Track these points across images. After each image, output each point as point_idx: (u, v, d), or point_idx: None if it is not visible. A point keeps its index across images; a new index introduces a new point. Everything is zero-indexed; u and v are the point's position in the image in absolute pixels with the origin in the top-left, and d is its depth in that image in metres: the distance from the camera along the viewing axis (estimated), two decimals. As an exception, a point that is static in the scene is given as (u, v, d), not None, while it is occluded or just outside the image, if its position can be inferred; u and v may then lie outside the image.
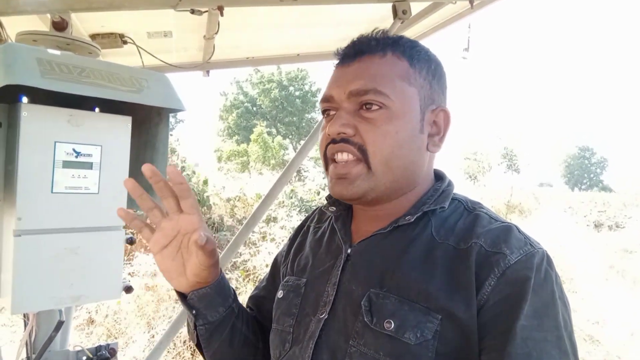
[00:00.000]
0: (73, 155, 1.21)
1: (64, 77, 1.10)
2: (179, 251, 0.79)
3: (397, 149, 0.76)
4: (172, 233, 0.78)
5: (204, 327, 0.86)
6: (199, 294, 0.82)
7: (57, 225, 1.19)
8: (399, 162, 0.77)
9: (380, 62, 0.78)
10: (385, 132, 0.75)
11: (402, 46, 0.80)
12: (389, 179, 0.77)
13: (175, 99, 1.30)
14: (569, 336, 0.66)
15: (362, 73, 0.77)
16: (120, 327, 4.43)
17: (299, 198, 7.92)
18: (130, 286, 1.35)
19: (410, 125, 0.77)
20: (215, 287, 0.83)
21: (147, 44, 2.06)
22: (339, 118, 0.77)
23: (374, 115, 0.75)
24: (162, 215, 0.78)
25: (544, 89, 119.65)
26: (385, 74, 0.77)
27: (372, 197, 0.79)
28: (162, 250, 0.78)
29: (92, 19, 1.84)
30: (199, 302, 0.83)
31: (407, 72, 0.78)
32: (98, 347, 1.45)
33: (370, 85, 0.76)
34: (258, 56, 2.67)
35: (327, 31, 2.35)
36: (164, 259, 0.79)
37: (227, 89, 30.76)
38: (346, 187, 0.77)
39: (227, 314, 0.87)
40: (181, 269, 0.79)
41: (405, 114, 0.77)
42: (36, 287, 1.17)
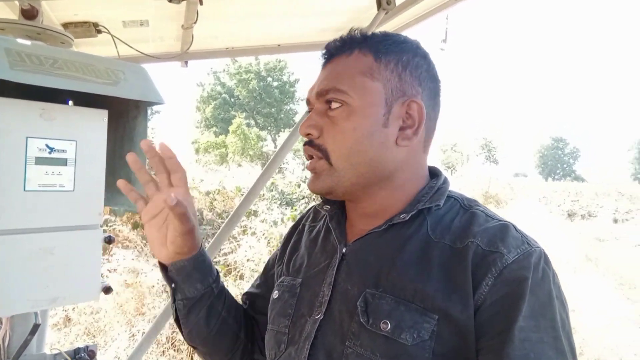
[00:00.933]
0: (46, 151, 1.14)
1: (35, 69, 1.03)
2: (165, 223, 0.83)
3: (355, 145, 0.76)
4: (162, 204, 0.82)
5: (182, 302, 0.87)
6: (177, 265, 0.85)
7: (31, 224, 1.13)
8: (359, 158, 0.77)
9: (346, 61, 0.80)
10: (343, 129, 0.76)
11: (370, 41, 0.80)
12: (353, 175, 0.78)
13: (154, 91, 1.25)
14: (566, 336, 0.65)
15: (329, 74, 0.80)
16: (99, 326, 4.34)
17: (280, 191, 7.87)
18: (110, 287, 1.30)
19: (370, 121, 0.76)
20: (193, 261, 0.85)
21: (122, 33, 1.98)
22: (308, 119, 0.80)
23: (335, 113, 0.77)
24: (156, 188, 0.83)
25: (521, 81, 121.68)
26: (346, 72, 0.78)
27: (342, 191, 0.80)
28: (150, 220, 0.83)
29: (65, 7, 1.76)
30: (177, 274, 0.85)
31: (371, 67, 0.78)
32: (76, 349, 1.40)
33: (331, 84, 0.78)
34: (238, 47, 2.61)
35: (310, 21, 2.30)
36: (151, 229, 0.84)
37: (204, 80, 30.39)
38: (313, 182, 0.81)
39: (205, 292, 0.89)
40: (164, 239, 0.83)
41: (365, 109, 0.76)
42: (10, 290, 1.11)
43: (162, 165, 0.81)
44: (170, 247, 0.83)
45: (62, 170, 1.17)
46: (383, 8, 1.78)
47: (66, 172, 1.18)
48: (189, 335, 0.92)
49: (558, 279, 0.70)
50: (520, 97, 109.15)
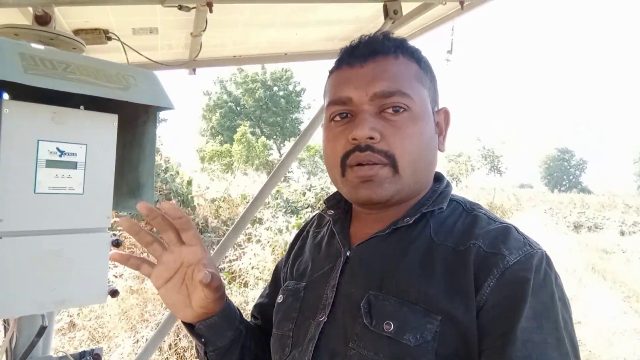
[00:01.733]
0: (57, 154, 1.16)
1: (48, 73, 1.05)
2: (183, 283, 0.79)
3: (421, 150, 0.76)
4: (175, 266, 0.78)
5: (214, 353, 0.85)
6: (207, 323, 0.82)
7: (40, 226, 1.15)
8: (422, 163, 0.77)
9: (396, 63, 0.78)
10: (411, 134, 0.75)
11: (410, 49, 0.81)
12: (413, 180, 0.77)
13: (164, 96, 1.26)
14: (569, 337, 0.65)
15: (382, 74, 0.76)
16: (104, 331, 4.34)
17: (285, 199, 7.88)
18: (116, 290, 1.30)
19: (429, 126, 0.78)
20: (222, 315, 0.83)
21: (132, 40, 2.01)
22: (365, 121, 0.74)
23: (400, 118, 0.75)
24: (163, 248, 0.77)
25: (525, 91, 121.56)
26: (404, 75, 0.77)
27: (397, 199, 0.78)
28: (165, 284, 0.78)
29: (76, 14, 1.78)
30: (208, 331, 0.82)
31: (419, 73, 0.79)
32: (82, 352, 1.41)
33: (395, 86, 0.75)
34: (245, 55, 2.63)
35: (316, 30, 2.33)
36: (168, 293, 0.79)
37: (211, 88, 30.57)
38: (375, 191, 0.75)
39: (235, 337, 0.87)
40: (187, 300, 0.79)
41: (425, 115, 0.77)
42: (17, 292, 1.12)
43: (165, 223, 0.76)
44: (199, 310, 0.79)
45: (72, 174, 1.19)
46: (390, 17, 1.79)
47: (76, 176, 1.19)
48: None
49: (560, 280, 0.70)
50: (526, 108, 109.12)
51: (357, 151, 0.75)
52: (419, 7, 1.95)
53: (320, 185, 8.90)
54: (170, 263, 0.77)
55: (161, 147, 9.65)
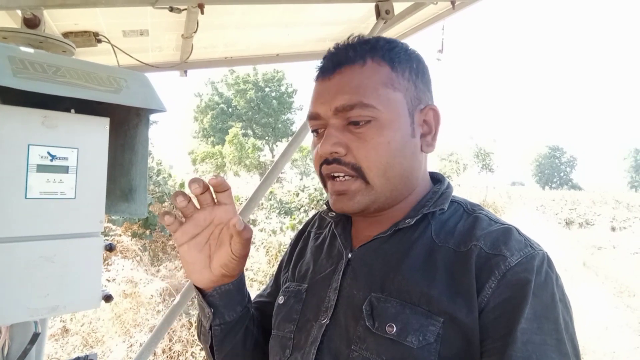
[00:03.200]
0: (48, 159, 1.14)
1: (38, 77, 1.04)
2: (207, 242, 0.78)
3: (391, 159, 0.75)
4: (204, 223, 0.77)
5: (219, 328, 0.84)
6: (221, 290, 0.81)
7: (32, 232, 1.13)
8: (395, 171, 0.76)
9: (361, 71, 0.76)
10: (376, 145, 0.74)
11: (381, 50, 0.78)
12: (388, 189, 0.77)
13: (156, 99, 1.25)
14: (570, 338, 0.65)
15: (344, 86, 0.75)
16: (97, 336, 4.30)
17: (278, 200, 7.87)
18: (110, 295, 1.29)
19: (400, 133, 0.76)
20: (237, 283, 0.83)
21: (122, 42, 2.00)
22: (329, 137, 0.75)
23: (364, 130, 0.74)
24: (195, 207, 0.78)
25: (515, 89, 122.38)
26: (368, 84, 0.75)
27: (374, 208, 0.78)
28: (190, 241, 0.77)
29: (65, 16, 1.77)
30: (220, 299, 0.82)
31: (390, 77, 0.76)
32: (76, 358, 1.39)
33: (355, 99, 0.74)
34: (237, 56, 2.62)
35: (308, 31, 2.32)
36: (191, 250, 0.78)
37: (202, 90, 30.44)
38: (346, 204, 0.77)
39: (243, 314, 0.86)
40: (206, 261, 0.78)
41: (394, 122, 0.75)
42: (10, 298, 1.10)
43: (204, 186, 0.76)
44: (218, 270, 0.78)
45: (64, 178, 1.17)
46: (382, 17, 1.79)
47: (67, 180, 1.18)
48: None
49: (561, 281, 0.70)
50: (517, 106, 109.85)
51: (324, 164, 0.78)
52: (410, 7, 1.96)
53: (314, 186, 8.90)
54: (200, 220, 0.77)
55: (153, 149, 9.59)
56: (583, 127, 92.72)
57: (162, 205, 6.77)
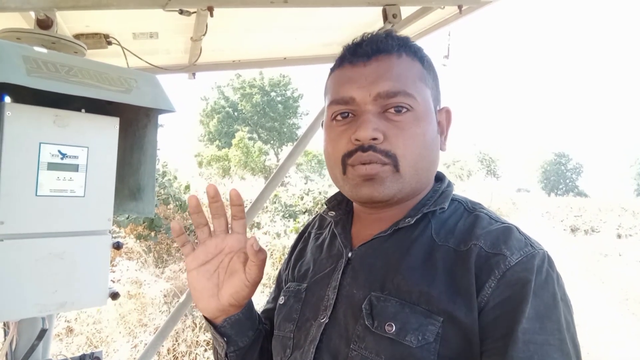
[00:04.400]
0: (58, 157, 1.17)
1: (51, 76, 1.06)
2: (216, 271, 0.80)
3: (423, 150, 0.76)
4: (215, 251, 0.79)
5: (234, 354, 0.84)
6: (232, 320, 0.82)
7: (41, 229, 1.15)
8: (424, 163, 0.77)
9: (399, 62, 0.77)
10: (413, 134, 0.75)
11: (413, 47, 0.80)
12: (415, 180, 0.77)
13: (165, 99, 1.27)
14: (571, 338, 0.64)
15: (385, 73, 0.75)
16: (102, 336, 4.32)
17: (283, 203, 7.87)
18: (117, 292, 1.31)
19: (431, 127, 0.78)
20: (246, 312, 0.83)
21: (132, 45, 2.02)
22: (368, 122, 0.73)
23: (403, 118, 0.74)
24: (209, 233, 0.80)
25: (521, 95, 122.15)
26: (407, 75, 0.76)
27: (398, 198, 0.78)
28: (199, 267, 0.79)
29: (77, 18, 1.79)
30: (231, 329, 0.82)
31: (422, 73, 0.79)
32: (82, 356, 1.41)
33: (399, 86, 0.74)
34: (245, 59, 2.64)
35: (315, 35, 2.34)
36: (199, 277, 0.79)
37: (208, 94, 30.55)
38: (377, 189, 0.75)
39: (256, 337, 0.87)
40: (214, 289, 0.79)
41: (427, 116, 0.77)
42: (18, 294, 1.12)
43: (222, 209, 0.79)
44: (227, 300, 0.79)
45: (74, 176, 1.19)
46: (389, 21, 1.80)
47: (77, 178, 1.20)
48: None
49: (562, 281, 0.70)
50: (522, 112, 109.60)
51: (359, 151, 0.75)
52: (417, 11, 1.97)
53: (318, 189, 8.90)
54: (211, 247, 0.79)
55: (159, 152, 9.63)
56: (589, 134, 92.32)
57: (167, 207, 6.80)
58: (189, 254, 0.79)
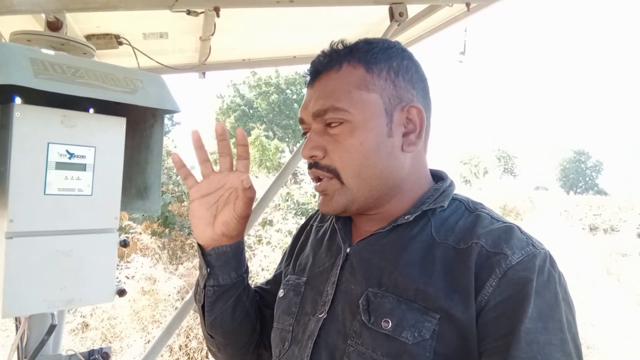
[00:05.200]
0: (66, 157, 1.19)
1: (58, 77, 1.08)
2: (216, 203, 0.86)
3: (364, 159, 0.77)
4: (217, 185, 0.86)
5: (212, 289, 0.88)
6: (219, 250, 0.87)
7: (50, 227, 1.18)
8: (370, 171, 0.77)
9: (336, 76, 0.79)
10: (349, 146, 0.77)
11: (357, 53, 0.79)
12: (366, 189, 0.78)
13: (170, 100, 1.29)
14: (573, 338, 0.65)
15: (320, 92, 0.80)
16: (116, 332, 4.39)
17: (295, 201, 7.90)
18: (124, 289, 1.33)
19: (374, 133, 0.77)
20: (234, 248, 0.88)
21: (142, 45, 2.05)
22: (309, 141, 0.80)
23: (337, 131, 0.78)
24: (212, 169, 0.87)
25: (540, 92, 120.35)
26: (340, 88, 0.78)
27: (356, 207, 0.80)
28: (201, 198, 0.85)
29: (88, 19, 1.83)
30: (217, 259, 0.87)
31: (364, 79, 0.78)
32: (91, 351, 1.44)
33: (328, 103, 0.77)
34: (254, 58, 2.66)
35: (324, 33, 2.34)
36: (200, 206, 0.86)
37: (224, 92, 30.72)
38: (327, 204, 0.81)
39: (237, 281, 0.90)
40: (211, 219, 0.85)
41: (367, 123, 0.77)
42: (28, 290, 1.15)
43: (228, 148, 0.86)
44: (219, 228, 0.85)
45: (81, 175, 1.22)
46: (395, 20, 1.80)
47: (85, 177, 1.23)
48: (212, 324, 0.92)
49: (564, 280, 0.70)
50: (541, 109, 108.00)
51: (308, 168, 0.82)
52: (425, 9, 1.96)
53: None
54: (214, 181, 0.86)
55: (175, 149, 9.72)
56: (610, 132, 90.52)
57: (182, 204, 6.88)
58: (193, 185, 0.86)
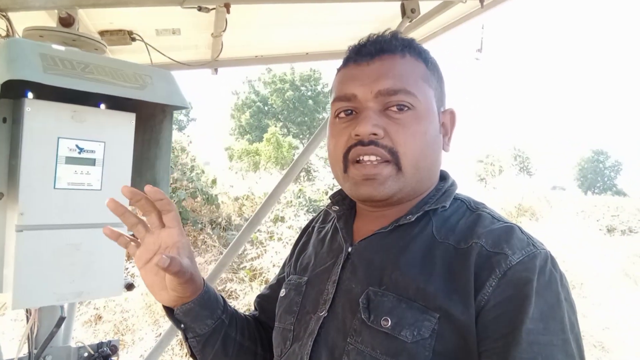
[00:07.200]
0: (76, 151, 1.21)
1: (67, 73, 1.09)
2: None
3: (425, 149, 0.77)
4: (154, 248, 0.79)
5: (195, 340, 0.86)
6: (184, 309, 0.83)
7: (59, 221, 1.19)
8: (426, 162, 0.78)
9: (403, 62, 0.78)
10: (414, 132, 0.75)
11: (417, 49, 0.81)
12: (416, 179, 0.78)
13: (179, 96, 1.30)
14: (575, 339, 0.64)
15: (387, 72, 0.77)
16: (128, 324, 4.45)
17: (307, 198, 7.91)
18: (132, 283, 1.35)
19: (433, 126, 0.78)
20: (199, 301, 0.84)
21: (155, 41, 2.06)
22: (368, 118, 0.75)
23: (404, 116, 0.75)
24: (146, 230, 0.79)
25: (558, 91, 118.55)
26: (410, 75, 0.77)
27: (399, 197, 0.79)
28: (145, 265, 0.79)
29: (101, 15, 1.84)
30: (185, 316, 0.84)
31: (426, 74, 0.80)
32: (99, 343, 1.46)
33: (400, 85, 0.75)
34: (267, 54, 2.66)
35: (336, 30, 2.33)
36: (147, 274, 0.80)
37: (239, 88, 30.86)
38: (376, 188, 0.76)
39: (217, 325, 0.88)
40: (163, 283, 0.80)
41: (429, 115, 0.78)
42: (37, 283, 1.17)
43: (150, 206, 0.77)
44: (172, 293, 0.80)
45: (91, 170, 1.23)
46: (407, 16, 1.78)
47: (94, 172, 1.24)
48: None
49: (566, 281, 0.69)
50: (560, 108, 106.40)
51: (359, 145, 0.75)
52: (438, 6, 1.93)
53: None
54: (150, 245, 0.79)
55: (190, 146, 9.80)
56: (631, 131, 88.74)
57: (195, 200, 6.93)
58: (134, 253, 0.80)
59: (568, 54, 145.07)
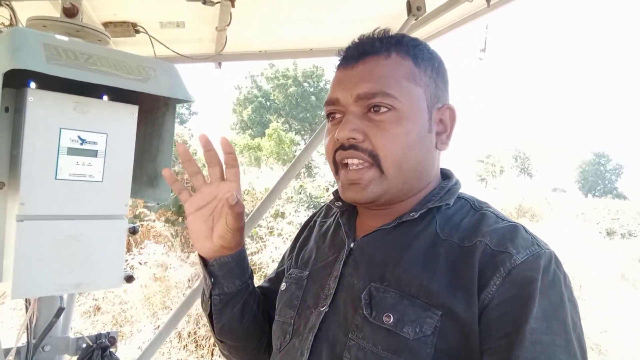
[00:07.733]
0: (78, 142, 1.20)
1: (70, 63, 1.09)
2: (211, 215, 0.86)
3: (407, 150, 0.76)
4: (209, 197, 0.85)
5: (218, 297, 0.88)
6: (220, 261, 0.86)
7: (60, 211, 1.19)
8: (410, 163, 0.77)
9: (385, 63, 0.77)
10: (395, 134, 0.75)
11: (406, 45, 0.79)
12: (400, 181, 0.77)
13: (182, 89, 1.29)
14: (577, 339, 0.64)
15: (367, 75, 0.77)
16: (127, 316, 4.47)
17: (308, 194, 7.91)
18: (132, 276, 1.34)
19: (418, 126, 0.77)
20: (236, 257, 0.87)
21: (159, 34, 2.06)
22: (347, 123, 0.76)
23: (383, 118, 0.75)
24: (204, 181, 0.86)
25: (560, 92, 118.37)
26: (391, 75, 0.76)
27: (385, 199, 0.79)
28: (196, 212, 0.85)
29: (105, 6, 1.84)
30: (219, 269, 0.86)
31: (413, 72, 0.78)
32: (98, 335, 1.46)
33: (378, 87, 0.75)
34: (271, 50, 2.65)
35: (341, 27, 2.32)
36: (196, 220, 0.86)
37: (241, 83, 30.81)
38: (359, 193, 0.78)
39: (242, 288, 0.90)
40: (209, 232, 0.85)
41: (414, 115, 0.76)
42: (37, 273, 1.17)
43: (215, 158, 0.84)
44: (217, 241, 0.84)
45: (92, 161, 1.23)
46: (413, 14, 1.77)
47: (96, 163, 1.24)
48: (221, 330, 0.92)
49: (569, 281, 0.69)
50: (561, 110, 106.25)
51: (340, 149, 0.78)
52: (444, 4, 1.92)
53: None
54: (206, 193, 0.85)
55: (192, 139, 9.78)
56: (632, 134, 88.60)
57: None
58: (187, 199, 0.86)
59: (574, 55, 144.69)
